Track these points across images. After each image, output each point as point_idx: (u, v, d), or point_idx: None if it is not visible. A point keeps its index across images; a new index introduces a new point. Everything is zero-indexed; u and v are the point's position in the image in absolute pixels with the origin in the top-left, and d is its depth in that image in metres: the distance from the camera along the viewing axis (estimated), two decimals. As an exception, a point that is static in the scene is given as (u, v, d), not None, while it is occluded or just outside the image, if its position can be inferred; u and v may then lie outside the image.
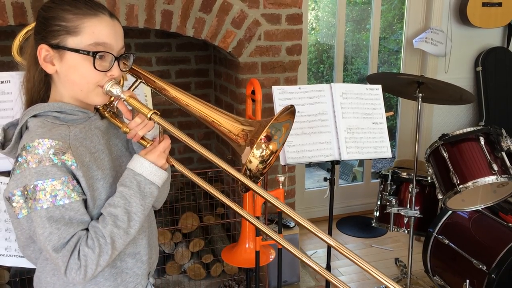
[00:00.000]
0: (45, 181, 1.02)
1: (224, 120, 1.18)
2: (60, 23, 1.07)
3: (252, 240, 2.26)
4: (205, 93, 3.36)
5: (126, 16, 2.41)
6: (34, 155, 1.02)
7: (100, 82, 1.11)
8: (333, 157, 2.17)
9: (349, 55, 4.32)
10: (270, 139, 1.21)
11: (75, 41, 1.07)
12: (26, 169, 1.02)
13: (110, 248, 1.06)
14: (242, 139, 1.15)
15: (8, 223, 1.59)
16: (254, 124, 1.16)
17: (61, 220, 1.03)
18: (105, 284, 1.16)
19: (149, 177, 1.11)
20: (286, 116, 1.23)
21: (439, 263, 2.61)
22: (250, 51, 2.70)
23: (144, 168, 1.11)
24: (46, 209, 1.02)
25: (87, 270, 1.04)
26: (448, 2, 3.66)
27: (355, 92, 2.24)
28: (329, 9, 4.24)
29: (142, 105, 1.13)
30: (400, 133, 3.98)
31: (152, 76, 1.25)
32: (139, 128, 1.15)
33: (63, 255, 1.03)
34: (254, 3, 2.64)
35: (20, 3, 2.23)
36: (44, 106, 1.12)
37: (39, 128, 1.07)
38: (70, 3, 1.09)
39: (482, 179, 2.30)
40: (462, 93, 2.57)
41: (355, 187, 4.01)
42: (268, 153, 1.22)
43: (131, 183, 1.10)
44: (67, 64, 1.09)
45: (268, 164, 1.23)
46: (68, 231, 1.04)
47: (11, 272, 2.41)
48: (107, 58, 1.10)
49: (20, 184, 1.03)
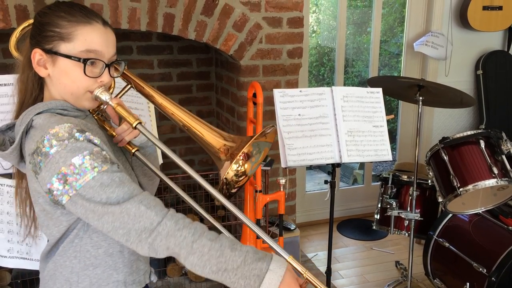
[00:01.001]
0: (80, 155, 1.03)
1: (207, 133, 1.21)
2: (55, 29, 1.11)
3: (253, 242, 2.27)
4: (207, 95, 3.37)
5: (128, 19, 2.42)
6: (57, 139, 1.03)
7: (90, 87, 1.14)
8: (334, 159, 2.18)
9: (350, 58, 4.33)
10: (249, 158, 1.23)
11: (68, 47, 1.11)
12: (55, 154, 1.03)
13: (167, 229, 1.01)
14: (223, 154, 1.18)
15: (10, 225, 1.60)
16: (236, 140, 1.18)
17: (113, 183, 1.03)
18: (123, 270, 1.20)
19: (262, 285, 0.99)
20: (271, 136, 1.25)
21: (439, 266, 2.61)
22: (251, 54, 2.72)
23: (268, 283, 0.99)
24: (93, 178, 1.02)
25: (168, 223, 1.01)
26: (449, 5, 3.67)
27: (356, 95, 2.24)
28: (330, 12, 4.25)
29: (129, 113, 1.18)
30: (401, 136, 3.98)
31: (142, 82, 1.29)
32: (126, 134, 1.22)
33: (133, 200, 1.02)
34: (256, 7, 2.65)
35: (23, 6, 2.25)
36: (47, 104, 1.14)
37: (51, 118, 1.09)
38: (66, 10, 1.13)
39: (482, 182, 2.31)
40: (463, 97, 2.58)
41: (356, 190, 4.01)
42: (242, 170, 1.23)
43: (246, 256, 1.00)
44: (59, 68, 1.12)
45: (240, 181, 1.24)
46: (123, 190, 1.03)
47: (13, 274, 2.42)
48: (98, 64, 1.14)
49: (55, 171, 1.03)
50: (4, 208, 1.60)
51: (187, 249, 1.00)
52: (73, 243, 1.15)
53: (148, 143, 1.30)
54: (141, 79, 1.30)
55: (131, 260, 1.21)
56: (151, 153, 1.33)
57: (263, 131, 1.21)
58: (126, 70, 1.27)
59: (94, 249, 1.15)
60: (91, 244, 1.14)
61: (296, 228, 2.86)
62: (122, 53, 3.07)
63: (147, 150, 1.31)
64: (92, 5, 2.35)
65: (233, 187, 1.23)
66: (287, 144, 2.10)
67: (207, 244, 1.00)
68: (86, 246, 1.14)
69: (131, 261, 1.21)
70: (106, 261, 1.17)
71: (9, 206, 1.59)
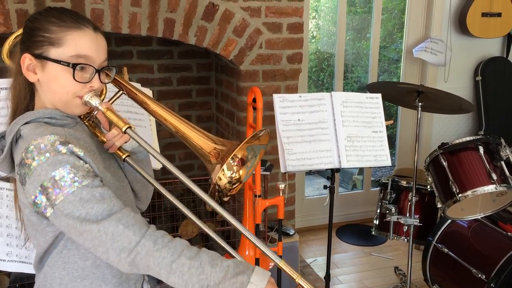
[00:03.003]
0: (60, 169, 1.02)
1: (197, 137, 1.21)
2: (44, 34, 1.11)
3: (252, 247, 2.26)
4: (206, 100, 3.38)
5: (129, 24, 2.43)
6: (40, 151, 1.03)
7: (79, 93, 1.14)
8: (333, 165, 2.18)
9: (350, 64, 4.34)
10: (244, 163, 1.23)
11: (58, 52, 1.10)
12: (37, 166, 1.03)
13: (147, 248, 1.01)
14: (214, 157, 1.18)
15: (9, 229, 1.60)
16: (226, 144, 1.19)
17: (92, 198, 1.02)
18: (112, 281, 1.18)
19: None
20: (261, 140, 1.24)
21: (438, 272, 2.61)
22: (251, 59, 2.72)
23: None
24: (72, 193, 1.02)
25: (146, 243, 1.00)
26: (448, 11, 3.69)
27: (355, 101, 2.25)
28: (330, 18, 4.26)
29: (119, 118, 1.17)
30: (400, 141, 3.99)
31: (134, 88, 1.29)
32: (116, 140, 1.21)
33: (111, 219, 1.01)
34: (256, 12, 2.67)
35: (24, 11, 2.26)
36: (35, 113, 1.13)
37: (36, 129, 1.09)
38: (56, 16, 1.12)
39: (481, 188, 2.31)
40: (462, 103, 2.59)
41: (355, 195, 4.01)
42: (237, 176, 1.23)
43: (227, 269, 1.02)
44: (49, 73, 1.12)
45: (233, 189, 1.24)
46: (103, 207, 1.02)
47: (11, 277, 2.41)
48: (88, 70, 1.13)
49: (37, 184, 1.03)
50: (3, 211, 1.60)
51: (167, 269, 1.00)
52: (62, 254, 1.14)
53: (140, 148, 1.28)
54: (140, 83, 1.31)
55: (120, 271, 1.18)
56: (143, 159, 1.31)
57: (255, 134, 1.20)
58: (118, 76, 1.26)
59: (82, 260, 1.14)
60: (78, 255, 1.13)
61: (295, 233, 2.85)
62: (122, 58, 3.07)
63: (139, 156, 1.30)
64: (93, 10, 2.36)
65: (225, 194, 1.22)
66: (287, 149, 2.10)
67: (186, 263, 1.00)
68: (74, 258, 1.14)
69: (120, 272, 1.19)
70: (94, 272, 1.15)
71: (9, 209, 1.58)
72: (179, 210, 1.24)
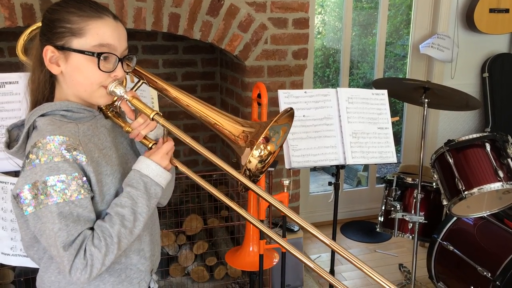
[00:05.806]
0: (55, 176, 1.03)
1: (225, 122, 1.20)
2: (65, 25, 1.09)
3: (256, 243, 2.26)
4: (211, 96, 3.37)
5: (134, 18, 2.42)
6: (45, 151, 1.04)
7: (104, 82, 1.13)
8: (338, 161, 2.17)
9: (355, 60, 4.32)
10: (268, 141, 1.23)
11: (80, 43, 1.09)
12: (37, 165, 1.03)
13: (116, 248, 1.07)
14: (242, 140, 1.17)
15: (14, 223, 1.60)
16: (254, 126, 1.18)
17: (70, 216, 1.04)
18: (109, 280, 1.18)
19: (155, 179, 1.13)
20: (286, 119, 1.25)
21: (443, 270, 2.59)
22: (256, 55, 2.71)
23: (150, 169, 1.13)
24: (57, 204, 1.03)
25: (93, 270, 1.05)
26: (455, 7, 3.66)
27: (361, 97, 2.24)
28: (336, 14, 4.24)
29: (145, 105, 1.16)
30: (406, 138, 3.97)
31: (154, 76, 1.28)
32: (142, 128, 1.18)
33: (70, 253, 1.03)
34: (261, 7, 2.65)
35: (29, 5, 2.25)
36: (51, 105, 1.13)
37: (49, 126, 1.08)
38: (75, 6, 1.11)
39: (488, 186, 2.29)
40: (468, 99, 2.57)
41: (360, 191, 4.00)
42: (266, 153, 1.23)
43: (138, 184, 1.12)
44: (72, 65, 1.11)
45: (266, 164, 1.24)
46: (75, 228, 1.04)
47: (16, 271, 2.43)
48: (111, 59, 1.12)
49: (30, 180, 1.04)
50: (8, 206, 1.60)
51: (129, 236, 1.11)
52: (52, 259, 1.15)
53: None
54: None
55: (118, 270, 1.19)
56: None
57: (285, 111, 1.21)
58: (137, 66, 1.25)
59: None
60: None
61: (299, 229, 2.85)
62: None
63: None
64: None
65: (263, 167, 1.23)
66: (291, 145, 2.09)
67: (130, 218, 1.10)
68: None
69: (118, 271, 1.19)
70: None
71: (13, 204, 1.59)
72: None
